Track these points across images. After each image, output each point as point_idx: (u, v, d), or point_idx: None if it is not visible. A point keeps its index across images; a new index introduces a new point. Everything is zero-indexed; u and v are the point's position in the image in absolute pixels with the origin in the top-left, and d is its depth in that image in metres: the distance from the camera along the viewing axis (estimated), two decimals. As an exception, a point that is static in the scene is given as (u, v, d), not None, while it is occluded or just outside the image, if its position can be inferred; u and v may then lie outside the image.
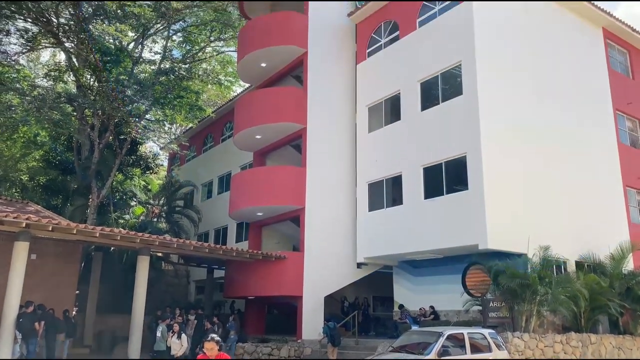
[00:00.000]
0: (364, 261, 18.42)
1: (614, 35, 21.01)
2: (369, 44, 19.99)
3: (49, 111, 20.92)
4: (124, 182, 26.84)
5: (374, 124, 19.04)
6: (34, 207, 19.08)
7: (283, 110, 19.59)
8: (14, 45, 23.17)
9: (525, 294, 13.54)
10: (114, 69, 22.36)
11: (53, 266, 16.50)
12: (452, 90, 16.26)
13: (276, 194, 19.04)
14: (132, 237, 14.93)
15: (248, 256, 17.83)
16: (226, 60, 29.25)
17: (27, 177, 27.63)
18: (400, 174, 17.33)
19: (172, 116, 24.41)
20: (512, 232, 14.56)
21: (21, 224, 12.76)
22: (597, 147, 18.66)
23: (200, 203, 28.33)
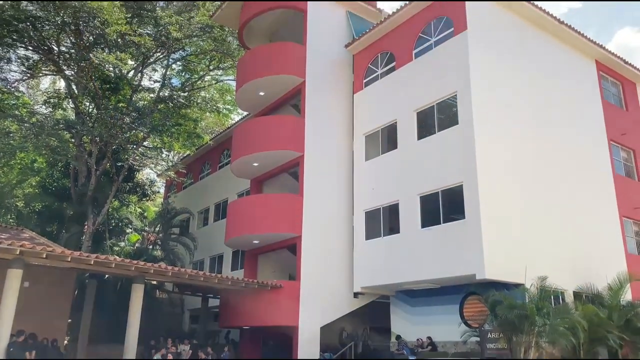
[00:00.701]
0: (361, 291, 18.25)
1: (607, 68, 21.38)
2: (365, 74, 20.27)
3: (47, 138, 21.01)
4: (120, 209, 26.80)
5: (371, 152, 19.15)
6: (29, 234, 18.96)
7: (280, 138, 19.70)
8: (15, 73, 23.44)
9: (524, 325, 13.39)
10: (113, 96, 22.57)
11: (46, 294, 16.27)
12: (448, 120, 16.42)
13: (273, 221, 18.97)
14: (127, 264, 14.79)
15: (243, 285, 17.64)
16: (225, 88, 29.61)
17: (22, 204, 27.54)
18: (397, 202, 17.35)
19: (170, 143, 24.55)
20: (509, 261, 14.49)
21: (15, 251, 12.64)
22: (593, 177, 18.77)
23: (196, 230, 28.19)
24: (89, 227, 22.24)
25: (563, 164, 17.70)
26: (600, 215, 18.41)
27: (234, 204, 21.29)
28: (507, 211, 15.11)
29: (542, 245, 15.67)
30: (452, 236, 15.11)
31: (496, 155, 15.52)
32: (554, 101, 18.30)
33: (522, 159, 16.27)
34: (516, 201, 15.53)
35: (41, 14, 20.69)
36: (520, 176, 15.97)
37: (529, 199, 15.97)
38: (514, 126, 16.47)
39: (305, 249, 18.33)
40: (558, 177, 17.33)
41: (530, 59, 18.03)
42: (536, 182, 16.43)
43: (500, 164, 15.51)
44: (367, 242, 18.24)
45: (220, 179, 27.43)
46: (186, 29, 24.34)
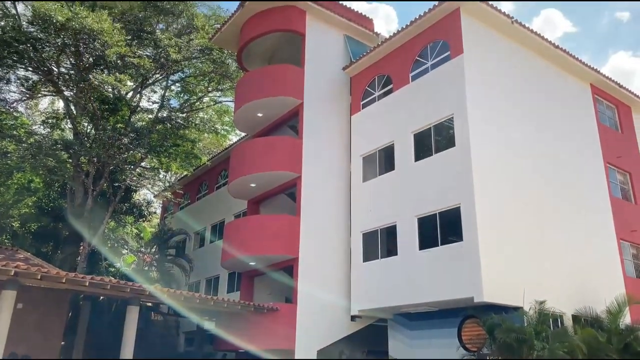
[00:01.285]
0: (358, 314, 18.08)
1: (602, 91, 21.62)
2: (363, 96, 20.43)
3: (44, 158, 21.01)
4: (116, 229, 26.64)
5: (368, 173, 19.19)
6: (24, 255, 18.81)
7: (278, 159, 19.74)
8: (14, 93, 23.55)
9: (522, 349, 13.24)
10: (112, 117, 22.65)
11: (40, 316, 16.09)
12: (445, 142, 16.51)
13: (269, 243, 18.88)
14: (122, 286, 14.67)
15: (239, 308, 17.48)
16: (223, 109, 29.77)
17: (18, 224, 27.39)
18: (394, 224, 17.31)
19: (168, 164, 24.56)
20: (507, 284, 14.42)
21: (10, 272, 12.53)
22: (590, 200, 18.81)
23: (192, 251, 28.03)
24: (84, 248, 22.09)
25: (560, 186, 17.76)
26: (598, 237, 18.40)
27: (231, 225, 21.21)
28: (504, 233, 15.10)
29: (540, 268, 15.62)
30: (450, 258, 15.05)
31: (493, 177, 15.57)
32: (550, 124, 18.46)
33: (519, 181, 16.33)
34: (514, 223, 15.53)
35: (42, 35, 20.89)
36: (517, 198, 16.00)
37: (527, 221, 15.97)
38: (511, 149, 16.57)
39: (302, 271, 18.21)
40: (556, 199, 17.37)
41: (526, 82, 18.24)
42: (534, 204, 16.46)
43: (498, 186, 15.55)
44: (364, 264, 18.14)
45: (218, 200, 27.39)
46: (185, 51, 24.58)
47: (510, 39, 18.21)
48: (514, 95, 17.51)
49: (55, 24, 20.16)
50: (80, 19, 20.23)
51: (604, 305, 15.95)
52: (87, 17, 20.48)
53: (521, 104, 17.63)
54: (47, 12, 20.05)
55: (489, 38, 17.57)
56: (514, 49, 18.30)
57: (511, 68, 17.92)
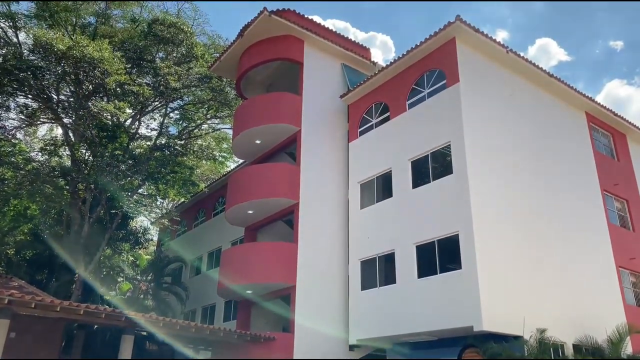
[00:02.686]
0: (357, 343, 17.80)
1: (597, 119, 21.83)
2: (360, 123, 20.58)
3: (41, 185, 20.99)
4: (112, 257, 26.42)
5: (366, 200, 19.18)
6: (18, 282, 18.56)
7: (275, 186, 19.75)
8: (13, 120, 23.65)
9: (524, 380, 13.05)
10: (110, 144, 22.72)
11: (32, 345, 15.76)
12: (443, 169, 16.56)
13: (266, 270, 18.72)
14: (117, 315, 14.48)
15: (236, 337, 17.20)
16: (221, 136, 29.91)
17: (13, 251, 27.15)
18: (393, 251, 17.22)
19: (165, 191, 24.52)
20: (507, 313, 14.26)
21: (3, 301, 12.36)
22: (588, 227, 18.78)
23: (188, 279, 27.75)
24: (79, 276, 21.86)
25: (558, 214, 17.76)
26: (597, 265, 18.31)
27: (228, 253, 21.06)
28: (503, 261, 15.01)
29: (540, 296, 15.48)
30: (449, 287, 14.92)
31: (491, 205, 15.57)
32: (546, 152, 18.57)
33: (517, 208, 16.33)
34: (513, 251, 15.46)
35: (42, 63, 21.12)
36: (516, 226, 15.98)
37: (526, 249, 15.91)
38: (508, 176, 16.62)
39: (300, 299, 18.00)
40: (554, 226, 17.34)
41: (522, 111, 18.42)
42: (532, 232, 16.43)
43: (496, 214, 15.54)
44: (362, 293, 17.96)
45: (215, 227, 27.26)
46: (185, 79, 24.85)
47: (505, 68, 18.47)
48: (510, 123, 17.67)
49: (56, 53, 20.39)
50: (81, 48, 20.49)
51: (605, 334, 15.77)
52: (87, 45, 20.75)
53: (517, 132, 17.78)
54: (48, 40, 20.31)
55: (484, 67, 17.83)
56: (509, 77, 18.54)
57: (507, 97, 18.11)
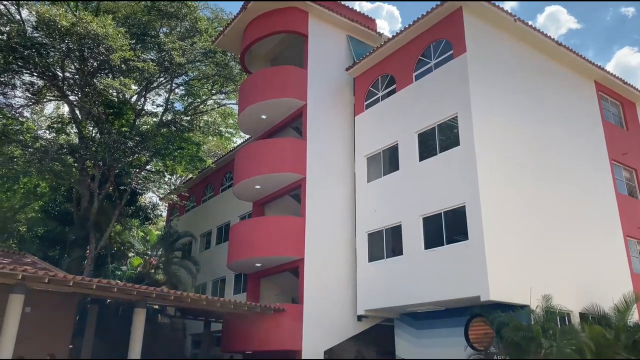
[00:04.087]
0: (365, 314, 18.09)
1: (607, 88, 21.54)
2: (366, 96, 20.45)
3: (50, 162, 21.14)
4: (122, 233, 26.75)
5: (372, 174, 19.20)
6: (31, 259, 18.92)
7: (282, 161, 19.79)
8: (19, 99, 23.71)
9: (530, 347, 13.22)
10: (117, 121, 22.75)
11: (47, 319, 16.15)
12: (450, 141, 16.50)
13: (275, 244, 18.92)
14: (129, 289, 14.74)
15: (246, 309, 17.51)
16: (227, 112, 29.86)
17: (25, 228, 27.54)
18: (399, 224, 17.31)
19: (173, 167, 24.63)
20: (514, 283, 14.39)
21: (17, 276, 12.62)
22: (595, 197, 18.75)
23: (198, 254, 28.11)
24: (91, 252, 22.21)
25: (566, 184, 17.71)
26: (604, 235, 18.33)
27: (236, 227, 21.26)
28: (510, 232, 15.07)
29: (546, 266, 15.57)
30: (456, 258, 15.03)
31: (498, 176, 15.55)
32: (554, 121, 18.41)
33: (524, 179, 16.30)
34: (519, 222, 15.50)
35: (46, 40, 21.03)
36: (522, 196, 15.97)
37: (532, 219, 15.94)
38: (515, 147, 16.54)
39: (308, 271, 18.23)
40: (561, 196, 17.32)
41: (530, 80, 18.20)
42: (539, 201, 16.43)
43: (503, 185, 15.53)
44: (370, 264, 18.15)
45: (223, 202, 27.46)
46: (189, 54, 24.69)
47: (513, 37, 18.19)
48: (518, 94, 17.48)
49: (59, 29, 20.29)
50: (85, 24, 20.36)
51: (612, 303, 15.91)
52: (91, 22, 20.60)
53: (525, 102, 17.60)
54: (51, 17, 20.19)
55: (492, 36, 17.56)
56: (517, 47, 18.27)
57: (515, 66, 17.89)
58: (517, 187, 15.96)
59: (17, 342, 12.83)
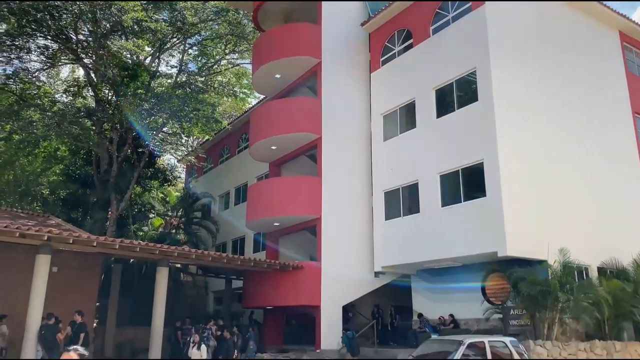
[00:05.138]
0: (382, 270, 18.32)
1: (631, 38, 20.76)
2: (382, 52, 20.04)
3: (69, 126, 21.35)
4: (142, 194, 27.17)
5: (389, 132, 19.04)
6: (55, 221, 19.40)
7: (297, 121, 19.70)
8: (35, 62, 23.75)
9: (547, 301, 13.33)
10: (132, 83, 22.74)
11: (74, 278, 16.68)
12: (468, 97, 16.20)
13: (292, 204, 19.09)
14: (151, 248, 15.09)
15: (265, 266, 17.88)
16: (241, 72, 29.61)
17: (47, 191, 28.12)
18: (416, 182, 17.27)
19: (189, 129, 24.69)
20: (531, 238, 14.37)
21: (43, 237, 12.98)
22: (617, 150, 18.38)
23: (217, 214, 28.52)
24: (112, 213, 22.66)
25: (586, 138, 17.38)
26: (625, 190, 18.06)
27: (254, 188, 21.45)
28: (528, 187, 14.94)
29: (565, 221, 15.48)
30: (473, 214, 15.02)
31: (517, 131, 15.30)
32: (576, 73, 17.90)
33: (543, 134, 16.01)
34: (538, 177, 15.33)
35: (59, 2, 20.87)
36: (541, 151, 15.73)
37: (551, 175, 15.75)
38: (535, 101, 16.19)
39: (325, 230, 18.43)
40: (581, 151, 17.04)
41: (551, 32, 17.61)
42: (558, 156, 16.19)
43: (521, 140, 15.29)
44: (386, 222, 18.24)
45: (240, 163, 27.62)
46: (201, 13, 24.32)
47: (534, -13, 17.50)
48: (538, 46, 16.94)
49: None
50: (95, -15, 20.10)
51: (630, 257, 15.86)
52: (102, -18, 20.33)
53: (546, 54, 17.08)
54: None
55: (512, -14, 16.91)
56: (538, -3, 17.60)
57: (535, 17, 17.28)
58: (536, 142, 15.70)
59: (46, 300, 13.31)
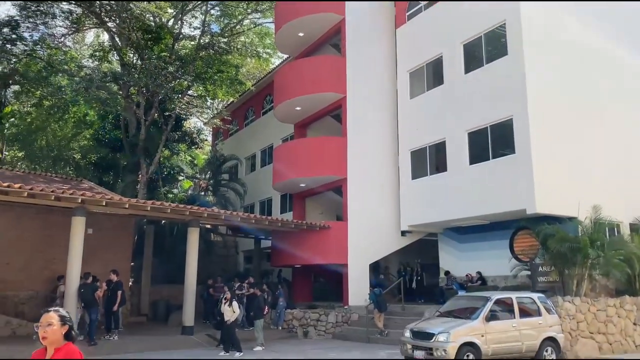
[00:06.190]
0: (408, 229, 18.39)
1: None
2: (408, 6, 19.47)
3: (96, 91, 21.59)
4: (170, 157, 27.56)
5: (415, 89, 18.70)
6: (88, 184, 19.94)
7: (321, 80, 19.48)
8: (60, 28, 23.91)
9: (576, 258, 13.22)
10: (156, 46, 22.73)
11: (108, 240, 17.25)
12: (497, 51, 15.72)
13: (318, 165, 19.13)
14: (181, 209, 15.41)
15: (293, 226, 18.12)
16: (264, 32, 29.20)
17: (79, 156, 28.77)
18: (444, 140, 17.04)
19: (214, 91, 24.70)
20: (561, 195, 14.16)
21: (77, 200, 13.37)
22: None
23: (244, 176, 28.83)
24: (142, 176, 23.12)
25: (618, 94, 16.77)
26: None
27: (279, 149, 21.52)
28: (558, 144, 14.61)
29: (596, 178, 15.17)
30: (502, 172, 14.82)
31: (547, 86, 14.84)
32: (609, 27, 17.11)
33: (574, 89, 15.50)
34: (568, 133, 14.95)
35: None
36: (572, 107, 15.27)
37: (582, 131, 15.35)
38: (566, 55, 15.60)
39: (351, 190, 18.49)
40: (612, 107, 16.48)
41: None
42: (589, 112, 15.72)
43: (552, 96, 14.86)
44: (413, 182, 18.17)
45: (265, 125, 27.63)
46: (222, -28, 23.90)
47: None
48: (572, -5, 16.18)
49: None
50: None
51: (664, 213, 15.51)
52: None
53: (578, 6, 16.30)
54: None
55: None
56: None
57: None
58: (567, 98, 15.23)
59: (83, 261, 13.83)
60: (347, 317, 16.93)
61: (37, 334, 3.21)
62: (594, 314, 12.90)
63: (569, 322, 12.31)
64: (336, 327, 16.86)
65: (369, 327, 15.46)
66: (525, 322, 10.81)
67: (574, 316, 12.50)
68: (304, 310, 17.46)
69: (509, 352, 10.49)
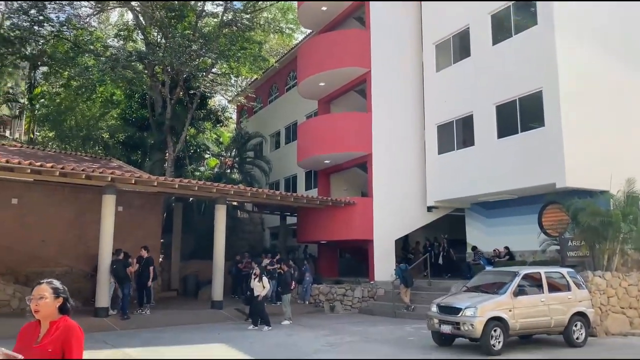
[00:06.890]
0: (435, 204, 18.26)
1: None
2: (433, -23, 18.96)
3: (122, 70, 21.79)
4: (196, 136, 27.80)
5: (441, 62, 18.34)
6: (117, 163, 20.31)
7: (345, 55, 19.25)
8: (85, 8, 24.10)
9: (608, 232, 12.95)
10: (179, 24, 22.74)
11: (138, 217, 17.62)
12: (526, 21, 15.25)
13: (342, 141, 19.05)
14: (208, 187, 15.60)
15: (318, 203, 18.19)
16: (287, 7, 28.93)
17: (107, 135, 29.24)
18: (471, 113, 16.75)
19: (237, 68, 24.67)
20: (592, 168, 13.82)
21: (107, 178, 13.65)
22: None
23: (269, 153, 28.94)
24: (170, 154, 23.41)
25: (657, 61, 16.12)
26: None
27: (303, 126, 21.48)
28: (588, 116, 14.21)
29: (628, 150, 14.76)
30: (531, 145, 14.53)
31: (578, 57, 14.37)
32: (648, -10, 16.38)
33: (605, 59, 14.96)
34: (599, 105, 14.52)
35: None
36: (603, 78, 14.78)
37: (613, 103, 14.88)
38: (599, 25, 15.03)
39: (376, 166, 18.40)
40: (651, 75, 15.87)
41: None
42: (620, 84, 15.19)
43: (582, 66, 14.39)
44: (440, 157, 17.97)
45: (289, 102, 27.56)
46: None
47: None
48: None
49: None
50: None
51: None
52: None
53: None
54: None
55: None
56: None
57: None
58: (599, 68, 14.73)
59: (114, 238, 14.19)
60: (374, 292, 17.04)
61: (30, 308, 3.04)
62: (625, 289, 12.69)
63: (600, 297, 12.15)
64: (362, 302, 17.01)
65: (395, 302, 15.55)
66: (554, 297, 10.69)
67: (605, 291, 12.32)
68: (330, 286, 17.63)
69: (537, 327, 10.43)
